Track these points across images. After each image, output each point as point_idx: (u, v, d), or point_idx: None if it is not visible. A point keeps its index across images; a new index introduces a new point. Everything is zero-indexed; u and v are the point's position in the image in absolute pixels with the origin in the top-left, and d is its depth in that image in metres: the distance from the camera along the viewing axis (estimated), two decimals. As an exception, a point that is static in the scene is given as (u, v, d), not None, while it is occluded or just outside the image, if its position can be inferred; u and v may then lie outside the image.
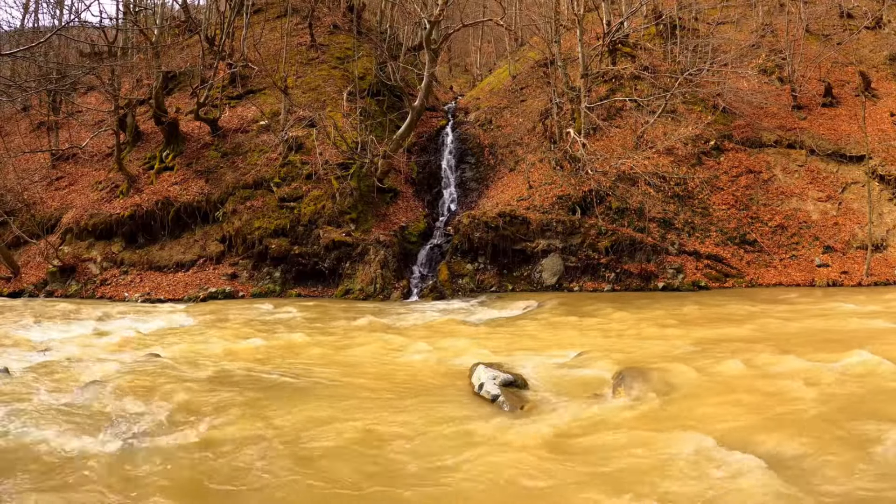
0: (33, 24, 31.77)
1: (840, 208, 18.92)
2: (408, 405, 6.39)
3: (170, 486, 4.50)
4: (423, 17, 21.71)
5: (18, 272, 19.29)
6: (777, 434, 5.05)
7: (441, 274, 17.27)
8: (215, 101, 22.26)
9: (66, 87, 24.08)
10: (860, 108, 19.32)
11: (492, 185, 20.96)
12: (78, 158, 23.49)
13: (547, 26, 23.05)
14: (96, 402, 6.50)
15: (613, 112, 21.21)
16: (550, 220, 17.71)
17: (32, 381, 7.38)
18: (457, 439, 5.37)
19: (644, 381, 6.55)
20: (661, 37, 24.36)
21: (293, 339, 10.47)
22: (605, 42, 22.76)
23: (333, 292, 17.30)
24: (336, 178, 18.79)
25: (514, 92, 25.45)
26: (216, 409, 6.16)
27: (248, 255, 18.24)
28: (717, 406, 5.91)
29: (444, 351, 9.20)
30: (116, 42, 26.27)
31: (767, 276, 17.32)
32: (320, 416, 5.97)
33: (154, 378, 7.37)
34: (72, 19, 27.89)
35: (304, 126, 20.37)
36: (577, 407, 6.11)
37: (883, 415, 5.34)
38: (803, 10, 24.12)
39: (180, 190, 19.73)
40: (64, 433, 5.55)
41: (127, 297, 17.46)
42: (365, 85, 22.83)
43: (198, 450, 5.13)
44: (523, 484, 4.52)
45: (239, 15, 24.52)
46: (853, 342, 8.14)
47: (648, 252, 17.34)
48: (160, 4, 28.54)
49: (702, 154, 19.94)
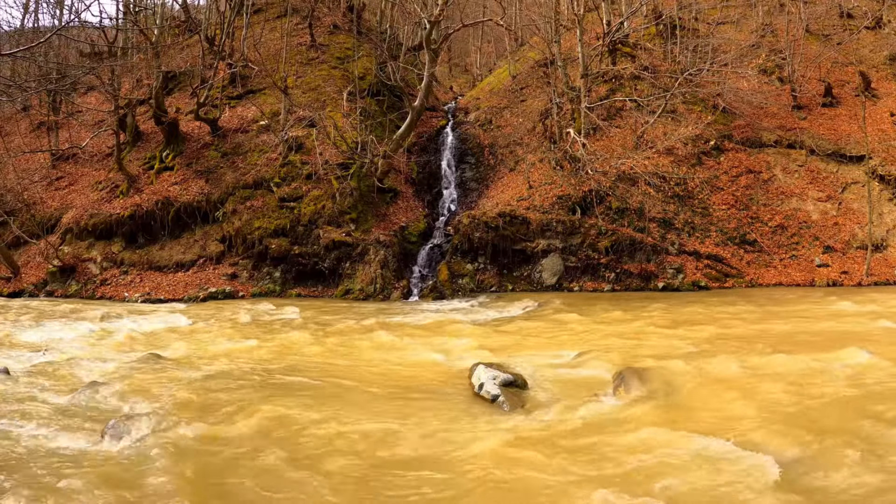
0: (33, 24, 31.77)
1: (840, 208, 18.92)
2: (408, 405, 6.40)
3: (171, 486, 4.51)
4: (423, 17, 21.70)
5: (18, 272, 19.29)
6: (777, 433, 5.06)
7: (441, 274, 17.28)
8: (215, 101, 22.25)
9: (66, 87, 24.07)
10: (860, 108, 19.32)
11: (492, 185, 20.96)
12: (78, 158, 23.48)
13: (547, 26, 23.04)
14: (97, 402, 6.50)
15: (613, 112, 21.20)
16: (550, 220, 17.71)
17: (33, 381, 7.38)
18: (457, 439, 5.38)
19: (643, 381, 6.56)
20: (661, 37, 24.35)
21: (293, 340, 10.47)
22: (605, 42, 22.76)
23: (333, 292, 17.30)
24: (336, 178, 18.79)
25: (514, 92, 25.44)
26: (216, 408, 6.17)
27: (248, 255, 18.23)
28: (716, 406, 5.92)
29: (445, 351, 9.21)
30: (116, 42, 26.25)
31: (767, 276, 17.32)
32: (320, 416, 5.97)
33: (154, 378, 7.38)
34: (72, 19, 27.91)
35: (304, 126, 20.36)
36: (578, 407, 6.12)
37: (884, 415, 5.35)
38: (803, 10, 24.11)
39: (180, 190, 19.73)
40: (64, 433, 5.56)
41: (127, 297, 17.46)
42: (365, 85, 22.82)
43: (199, 449, 5.13)
44: (524, 483, 4.53)
45: (239, 15, 24.51)
46: (853, 342, 8.15)
47: (648, 252, 17.35)
48: (160, 4, 28.53)
49: (702, 154, 19.94)
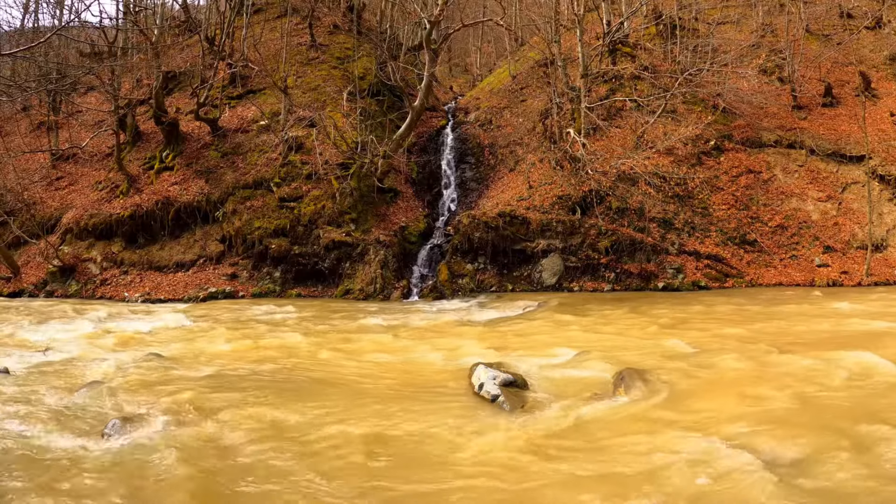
0: (33, 24, 31.76)
1: (840, 208, 18.92)
2: (408, 405, 6.39)
3: (171, 486, 4.51)
4: (423, 17, 21.70)
5: (18, 272, 19.29)
6: (777, 434, 5.06)
7: (441, 274, 17.27)
8: (215, 101, 22.25)
9: (66, 87, 24.09)
10: (860, 108, 19.31)
11: (492, 185, 20.95)
12: (78, 158, 23.48)
13: (547, 26, 23.03)
14: (97, 402, 6.50)
15: (613, 112, 21.20)
16: (550, 220, 17.71)
17: (33, 381, 7.39)
18: (456, 439, 5.38)
19: (644, 381, 6.56)
20: (661, 37, 24.35)
21: (293, 340, 10.48)
22: (605, 42, 22.76)
23: (333, 292, 17.30)
24: (336, 178, 18.78)
25: (514, 92, 25.44)
26: (217, 408, 6.16)
27: (248, 255, 18.23)
28: (716, 406, 5.92)
29: (445, 351, 9.21)
30: (116, 42, 26.21)
31: (767, 276, 17.32)
32: (320, 415, 5.97)
33: (155, 378, 7.38)
34: (72, 19, 27.93)
35: (304, 126, 20.35)
36: (578, 407, 6.12)
37: (884, 416, 5.35)
38: (803, 10, 24.09)
39: (180, 190, 19.73)
40: (65, 433, 5.56)
41: (127, 297, 17.46)
42: (365, 85, 22.81)
43: (199, 449, 5.13)
44: (524, 483, 4.52)
45: (239, 15, 24.51)
46: (854, 342, 8.15)
47: (648, 252, 17.35)
48: (160, 4, 28.50)
49: (702, 154, 19.94)
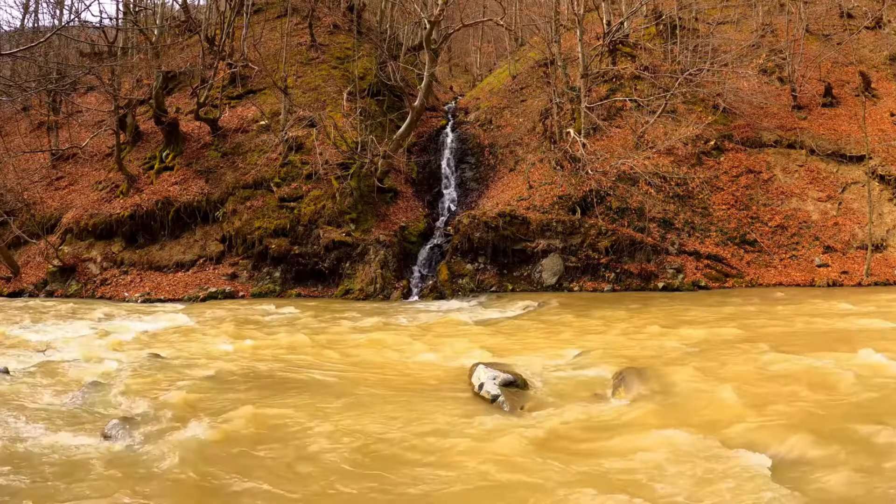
0: (33, 24, 31.74)
1: (840, 208, 18.92)
2: (408, 405, 6.39)
3: (172, 485, 4.51)
4: (423, 17, 21.69)
5: (18, 272, 19.29)
6: (778, 434, 5.05)
7: (441, 274, 17.27)
8: (215, 101, 22.24)
9: (66, 87, 24.08)
10: (860, 108, 19.30)
11: (492, 185, 20.95)
12: (78, 158, 23.47)
13: (547, 26, 23.02)
14: (97, 402, 6.50)
15: (613, 112, 21.19)
16: (550, 220, 17.71)
17: (33, 381, 7.38)
18: (456, 439, 5.37)
19: (644, 381, 6.56)
20: (661, 37, 24.34)
21: (293, 340, 10.47)
22: (605, 42, 22.75)
23: (333, 292, 17.29)
24: (336, 178, 18.78)
25: (514, 92, 25.43)
26: (217, 408, 6.16)
27: (248, 255, 18.23)
28: (717, 406, 5.92)
29: (444, 351, 9.20)
30: (116, 42, 26.24)
31: (767, 276, 17.31)
32: (320, 415, 5.97)
33: (154, 377, 7.38)
34: (72, 19, 27.91)
35: (304, 126, 20.35)
36: (578, 407, 6.12)
37: (887, 416, 5.34)
38: (803, 10, 24.08)
39: (180, 190, 19.72)
40: (65, 433, 5.55)
41: (127, 297, 17.45)
42: (365, 85, 22.81)
43: (199, 448, 5.13)
44: (523, 483, 4.52)
45: (239, 15, 24.49)
46: (854, 342, 8.15)
47: (648, 252, 17.34)
48: (160, 4, 28.44)
49: (702, 154, 19.94)
